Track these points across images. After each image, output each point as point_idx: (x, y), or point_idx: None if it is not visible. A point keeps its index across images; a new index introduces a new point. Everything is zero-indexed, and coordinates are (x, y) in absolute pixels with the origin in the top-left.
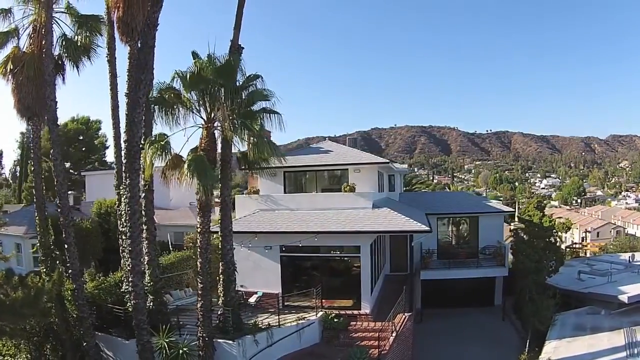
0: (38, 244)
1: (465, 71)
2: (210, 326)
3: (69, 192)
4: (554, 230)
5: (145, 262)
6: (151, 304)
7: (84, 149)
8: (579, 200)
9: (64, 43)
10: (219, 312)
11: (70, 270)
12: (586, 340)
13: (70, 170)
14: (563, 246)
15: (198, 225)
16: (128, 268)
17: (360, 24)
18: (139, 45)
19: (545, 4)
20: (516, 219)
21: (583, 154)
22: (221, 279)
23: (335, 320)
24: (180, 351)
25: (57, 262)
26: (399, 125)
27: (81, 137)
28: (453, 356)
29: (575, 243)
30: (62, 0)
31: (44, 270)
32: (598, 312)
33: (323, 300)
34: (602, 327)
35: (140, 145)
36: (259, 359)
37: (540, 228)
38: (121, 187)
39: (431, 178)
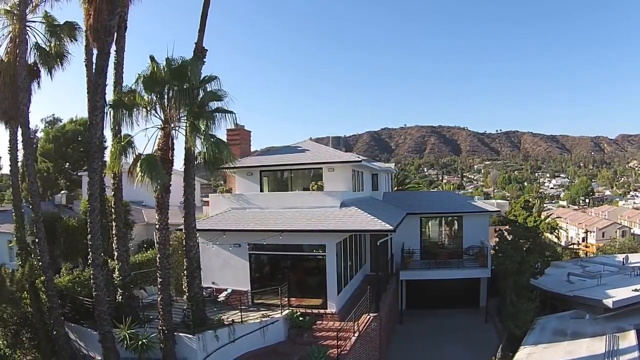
0: (15, 239)
1: (475, 72)
2: (170, 320)
3: (62, 192)
4: (538, 231)
5: (115, 258)
6: (120, 297)
7: (82, 149)
8: (586, 200)
9: (37, 51)
10: (184, 307)
11: (40, 263)
12: (563, 347)
13: (69, 171)
14: (563, 245)
15: (156, 222)
16: (89, 262)
17: (366, 27)
18: (97, 51)
19: (554, 5)
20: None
21: (592, 153)
22: (185, 275)
23: (300, 318)
24: (140, 342)
25: (32, 255)
26: (409, 125)
27: (80, 138)
28: (428, 357)
29: (573, 244)
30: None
31: (20, 263)
32: (582, 316)
33: (293, 299)
34: (584, 333)
35: (99, 145)
36: (221, 354)
37: (525, 228)
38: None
39: (440, 178)
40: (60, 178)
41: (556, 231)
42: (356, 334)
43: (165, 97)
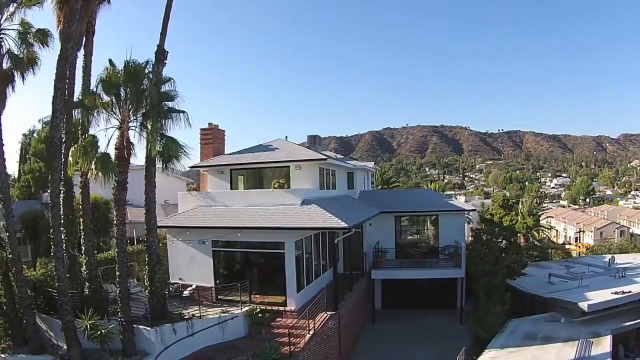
0: None
1: (477, 72)
2: (129, 312)
3: (48, 191)
4: (513, 230)
5: (82, 252)
6: (87, 290)
7: None
8: (587, 200)
9: (9, 58)
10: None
11: (10, 256)
12: (531, 352)
13: None
14: (555, 245)
15: (114, 218)
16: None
17: (368, 26)
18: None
19: (556, 7)
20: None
21: (594, 153)
22: (146, 270)
23: (260, 315)
24: (99, 332)
25: (6, 248)
26: (411, 125)
27: None
28: (394, 359)
29: (563, 243)
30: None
31: None
32: (558, 319)
33: (257, 296)
34: (556, 337)
35: (59, 145)
36: (179, 347)
37: (501, 228)
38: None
39: (442, 178)
40: None
41: (533, 231)
42: (311, 332)
43: (122, 98)
